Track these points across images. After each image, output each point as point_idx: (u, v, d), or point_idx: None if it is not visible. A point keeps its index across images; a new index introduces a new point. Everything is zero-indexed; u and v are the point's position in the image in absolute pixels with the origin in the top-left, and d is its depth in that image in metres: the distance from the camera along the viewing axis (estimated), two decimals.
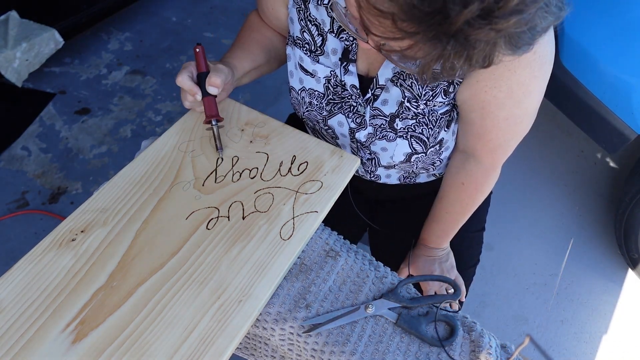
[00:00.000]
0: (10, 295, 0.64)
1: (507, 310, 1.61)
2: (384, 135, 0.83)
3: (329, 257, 0.74)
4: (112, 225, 0.71)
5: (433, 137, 0.82)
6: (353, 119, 0.84)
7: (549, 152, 2.04)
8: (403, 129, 0.81)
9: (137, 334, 0.61)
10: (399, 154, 0.85)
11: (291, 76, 0.87)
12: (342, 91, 0.82)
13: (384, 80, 0.77)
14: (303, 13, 0.79)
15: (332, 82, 0.82)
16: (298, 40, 0.82)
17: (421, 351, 0.66)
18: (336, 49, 0.78)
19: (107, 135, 1.95)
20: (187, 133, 0.84)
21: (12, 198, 1.72)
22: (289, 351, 0.71)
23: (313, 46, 0.81)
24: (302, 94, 0.87)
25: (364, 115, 0.82)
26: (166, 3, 2.54)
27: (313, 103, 0.86)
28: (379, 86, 0.78)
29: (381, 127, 0.82)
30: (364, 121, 0.83)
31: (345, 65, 0.79)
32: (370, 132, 0.84)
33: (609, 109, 1.37)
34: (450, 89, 0.75)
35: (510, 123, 0.76)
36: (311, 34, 0.80)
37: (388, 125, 0.82)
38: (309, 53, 0.82)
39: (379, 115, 0.81)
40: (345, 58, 0.78)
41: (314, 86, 0.84)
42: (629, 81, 1.28)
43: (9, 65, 1.84)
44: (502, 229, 1.80)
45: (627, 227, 1.57)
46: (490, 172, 0.87)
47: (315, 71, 0.82)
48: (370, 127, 0.83)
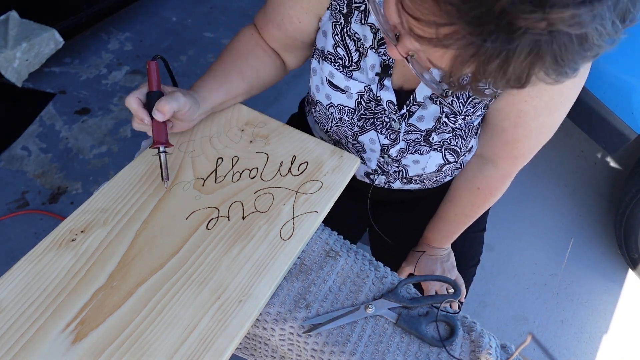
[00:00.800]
0: (10, 295, 0.64)
1: (507, 310, 1.61)
2: (417, 150, 0.82)
3: (329, 257, 0.74)
4: (112, 225, 0.71)
5: (465, 146, 0.82)
6: (387, 135, 0.82)
7: (549, 152, 2.04)
8: (438, 142, 0.80)
9: (137, 334, 0.61)
10: (431, 165, 0.85)
11: (317, 90, 0.84)
12: (375, 106, 0.80)
13: (422, 98, 0.76)
14: (340, 27, 0.75)
15: (365, 98, 0.80)
16: (329, 55, 0.79)
17: (421, 351, 0.66)
18: (374, 64, 0.76)
19: (107, 135, 1.95)
20: (187, 133, 0.84)
21: (12, 198, 1.72)
22: (289, 351, 0.71)
23: (347, 61, 0.78)
24: (331, 110, 0.84)
25: (398, 131, 0.80)
26: (166, 3, 2.54)
27: (344, 119, 0.84)
28: (417, 103, 0.77)
29: (415, 141, 0.81)
30: (398, 137, 0.81)
31: (381, 80, 0.77)
32: (403, 147, 0.83)
33: (609, 109, 1.37)
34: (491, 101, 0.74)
35: (540, 132, 0.76)
36: (347, 49, 0.77)
37: (423, 140, 0.80)
38: (341, 68, 0.79)
39: (414, 131, 0.80)
40: (384, 72, 0.76)
41: (344, 102, 0.81)
42: (629, 81, 1.29)
43: (9, 65, 1.84)
44: (503, 229, 1.80)
45: (627, 227, 1.57)
46: (507, 178, 0.87)
47: (347, 87, 0.80)
48: (403, 142, 0.82)
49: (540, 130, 0.76)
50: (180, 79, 2.19)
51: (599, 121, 1.41)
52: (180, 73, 2.21)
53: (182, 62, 2.25)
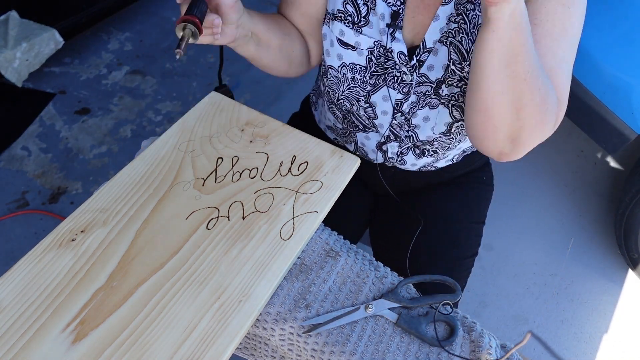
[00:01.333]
0: (10, 295, 0.64)
1: (507, 310, 1.61)
2: (427, 103, 0.82)
3: (329, 257, 0.74)
4: (112, 225, 0.71)
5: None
6: (399, 90, 0.83)
7: (549, 152, 2.04)
8: (447, 95, 0.80)
9: (137, 334, 0.61)
10: (440, 123, 0.84)
11: (327, 55, 0.86)
12: (386, 61, 0.81)
13: (432, 43, 0.77)
14: None
15: (375, 53, 0.81)
16: (339, 14, 0.81)
17: (421, 351, 0.66)
18: (384, 14, 0.77)
19: (107, 135, 1.95)
20: (187, 133, 0.84)
21: (12, 198, 1.72)
22: (289, 351, 0.71)
23: (356, 17, 0.80)
24: (343, 71, 0.85)
25: (410, 83, 0.81)
26: (166, 3, 2.54)
27: (356, 78, 0.84)
28: (427, 49, 0.77)
29: (425, 94, 0.81)
30: (409, 89, 0.82)
31: (392, 32, 0.78)
32: (414, 100, 0.83)
33: (609, 109, 1.37)
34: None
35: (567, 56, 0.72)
36: (356, 4, 0.79)
37: (433, 92, 0.81)
38: (351, 25, 0.80)
39: (425, 82, 0.81)
40: (393, 23, 0.77)
41: (355, 60, 0.83)
42: (629, 81, 1.29)
43: (9, 65, 1.84)
44: (503, 228, 1.80)
45: (627, 227, 1.57)
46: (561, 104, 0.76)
47: (358, 43, 0.81)
48: (414, 96, 0.82)
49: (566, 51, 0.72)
50: (180, 79, 2.19)
51: (599, 121, 1.41)
52: (180, 73, 2.21)
53: (182, 62, 2.26)
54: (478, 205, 0.99)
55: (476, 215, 1.02)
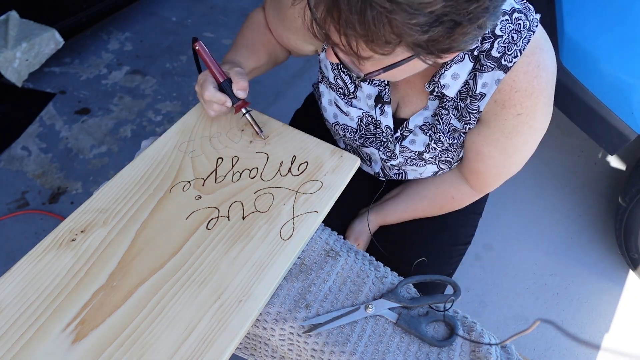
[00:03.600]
0: (10, 295, 0.64)
1: (507, 310, 1.61)
2: (414, 163, 0.90)
3: (329, 257, 0.74)
4: (112, 225, 0.71)
5: (457, 156, 0.89)
6: (384, 152, 0.91)
7: (549, 152, 2.04)
8: (432, 158, 0.88)
9: (137, 334, 0.61)
10: (427, 173, 0.94)
11: (324, 111, 0.93)
12: (374, 129, 0.88)
13: (414, 126, 0.84)
14: (336, 64, 0.84)
15: (365, 121, 0.88)
16: (332, 86, 0.88)
17: (421, 351, 0.66)
18: (371, 94, 0.84)
19: (107, 135, 1.95)
20: (187, 133, 0.84)
21: (12, 198, 1.72)
22: (289, 351, 0.71)
23: (346, 91, 0.86)
24: (336, 127, 0.93)
25: (393, 150, 0.89)
26: (166, 3, 2.54)
27: (347, 136, 0.92)
28: (408, 129, 0.85)
29: (411, 158, 0.89)
30: (394, 154, 0.90)
31: (382, 106, 0.84)
32: (402, 161, 0.90)
33: (609, 109, 1.37)
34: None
35: (499, 170, 0.86)
36: (344, 82, 0.85)
37: (417, 157, 0.88)
38: (342, 96, 0.87)
39: (408, 151, 0.88)
40: (379, 101, 0.84)
41: (347, 122, 0.90)
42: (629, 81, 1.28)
43: (9, 65, 1.84)
44: (503, 228, 1.80)
45: (627, 227, 1.57)
46: (477, 196, 0.96)
47: (348, 112, 0.88)
48: (401, 158, 0.90)
49: (498, 168, 0.85)
50: (180, 78, 2.19)
51: (599, 121, 1.41)
52: (180, 73, 2.21)
53: (182, 62, 2.25)
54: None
55: (473, 206, 1.04)
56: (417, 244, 0.98)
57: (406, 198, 0.99)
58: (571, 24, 1.37)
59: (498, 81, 0.71)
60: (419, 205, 0.98)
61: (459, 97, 0.77)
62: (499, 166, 0.84)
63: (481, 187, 0.92)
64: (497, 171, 0.86)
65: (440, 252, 0.98)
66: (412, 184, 1.00)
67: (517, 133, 0.76)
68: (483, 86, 0.73)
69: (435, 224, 1.00)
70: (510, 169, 0.86)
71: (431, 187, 0.97)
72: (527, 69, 0.70)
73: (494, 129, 0.77)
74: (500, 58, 0.69)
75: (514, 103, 0.72)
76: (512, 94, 0.71)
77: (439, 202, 0.97)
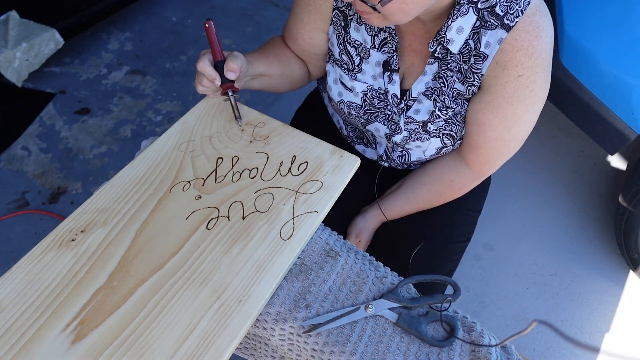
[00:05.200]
0: (10, 295, 0.64)
1: (507, 310, 1.61)
2: (418, 137, 0.91)
3: (329, 257, 0.74)
4: (112, 225, 0.71)
5: (460, 131, 0.89)
6: (388, 126, 0.92)
7: (549, 152, 2.04)
8: (435, 129, 0.88)
9: (137, 334, 0.61)
10: (431, 149, 0.94)
11: (330, 89, 0.95)
12: (379, 102, 0.90)
13: (417, 94, 0.86)
14: (342, 38, 0.88)
15: (369, 96, 0.90)
16: (337, 61, 0.91)
17: (421, 351, 0.66)
18: (379, 60, 0.86)
19: (107, 135, 1.95)
20: (187, 133, 0.84)
21: (12, 198, 1.72)
22: (289, 351, 0.71)
23: (351, 65, 0.89)
24: (341, 105, 0.95)
25: (398, 122, 0.90)
26: (166, 3, 2.54)
27: (352, 113, 0.94)
28: (412, 98, 0.87)
29: (415, 130, 0.90)
30: (398, 127, 0.90)
31: (390, 74, 0.86)
32: (406, 135, 0.91)
33: (609, 109, 1.37)
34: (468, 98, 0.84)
35: (499, 144, 0.86)
36: (349, 55, 0.88)
37: (422, 129, 0.89)
38: (347, 72, 0.90)
39: (412, 122, 0.89)
40: (386, 67, 0.86)
41: (352, 99, 0.92)
42: (629, 81, 1.28)
43: (9, 65, 1.84)
44: (503, 228, 1.80)
45: (627, 227, 1.57)
46: (477, 179, 0.96)
47: (353, 87, 0.90)
48: (406, 132, 0.90)
49: (499, 142, 0.85)
50: (180, 78, 2.19)
51: (599, 121, 1.41)
52: (180, 73, 2.21)
53: (182, 62, 2.25)
54: (475, 193, 1.02)
55: (472, 203, 1.05)
56: (416, 241, 0.98)
57: (406, 188, 1.00)
58: (571, 24, 1.37)
59: (500, 40, 0.73)
60: (419, 193, 0.98)
61: (462, 58, 0.79)
62: (498, 140, 0.85)
63: (481, 166, 0.92)
64: (497, 145, 0.86)
65: (440, 250, 0.98)
66: (411, 175, 1.01)
67: (517, 98, 0.77)
68: (486, 46, 0.75)
69: (434, 221, 1.01)
70: (510, 144, 0.86)
71: (430, 174, 0.98)
72: (528, 28, 0.72)
73: (495, 94, 0.78)
74: (503, 17, 0.72)
75: (515, 63, 0.74)
76: (514, 53, 0.73)
77: (439, 187, 0.97)
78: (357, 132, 1.05)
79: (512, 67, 0.75)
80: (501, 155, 0.89)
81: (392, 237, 1.02)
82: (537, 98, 0.79)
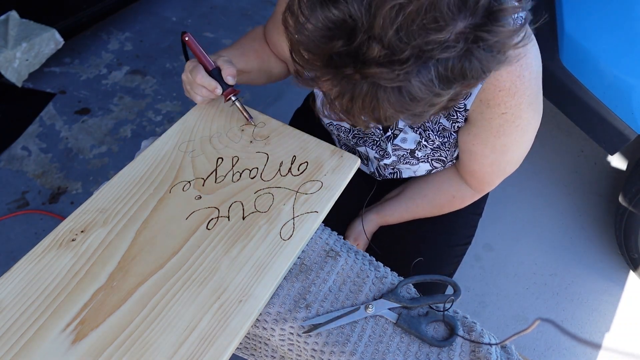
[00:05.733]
0: (10, 295, 0.64)
1: (507, 310, 1.61)
2: (407, 162, 0.92)
3: (329, 257, 0.74)
4: (112, 225, 0.71)
5: (451, 155, 0.90)
6: (376, 151, 0.93)
7: (549, 152, 2.04)
8: (424, 156, 0.89)
9: (137, 334, 0.61)
10: (421, 171, 0.95)
11: (319, 112, 0.94)
12: (365, 129, 0.90)
13: (402, 125, 0.86)
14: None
15: None
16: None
17: (421, 351, 0.66)
18: None
19: (107, 135, 1.95)
20: (187, 133, 0.84)
21: (12, 198, 1.72)
22: (289, 351, 0.71)
23: None
24: (330, 127, 0.96)
25: (386, 149, 0.91)
26: (166, 3, 2.54)
27: (341, 135, 0.95)
28: (398, 128, 0.87)
29: (403, 156, 0.91)
30: (386, 153, 0.91)
31: None
32: (395, 159, 0.92)
33: (609, 109, 1.37)
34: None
35: (495, 168, 0.86)
36: None
37: (410, 155, 0.90)
38: None
39: (400, 149, 0.89)
40: None
41: (340, 123, 0.92)
42: (629, 81, 1.28)
43: (9, 65, 1.84)
44: (503, 229, 1.80)
45: (627, 227, 1.57)
46: (477, 195, 0.97)
47: None
48: (394, 157, 0.91)
49: (493, 166, 0.85)
50: (180, 78, 2.18)
51: (599, 121, 1.41)
52: (180, 73, 2.21)
53: (182, 62, 2.25)
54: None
55: (473, 206, 1.04)
56: (416, 244, 0.98)
57: (406, 198, 0.99)
58: (571, 24, 1.37)
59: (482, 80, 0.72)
60: (420, 204, 0.98)
61: None
62: (493, 165, 0.85)
63: (480, 186, 0.93)
64: (492, 170, 0.86)
65: (440, 253, 0.98)
66: (412, 184, 1.01)
67: (504, 132, 0.77)
68: None
69: (435, 224, 1.01)
70: (506, 167, 0.86)
71: (432, 187, 0.97)
72: (509, 68, 0.70)
73: (482, 128, 0.78)
74: None
75: (497, 102, 0.73)
76: (496, 93, 0.72)
77: (440, 201, 0.97)
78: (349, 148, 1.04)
79: (495, 105, 0.73)
80: (499, 176, 0.89)
81: (392, 237, 1.02)
82: (525, 130, 0.77)
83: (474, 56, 0.49)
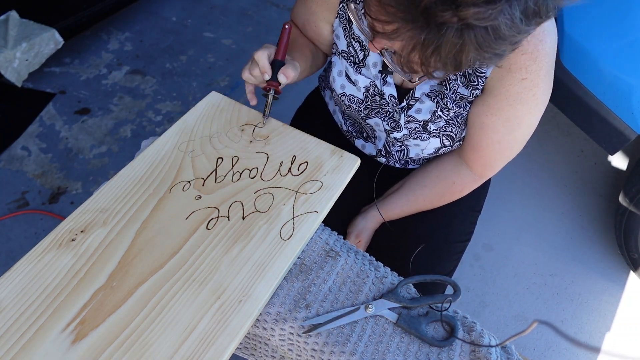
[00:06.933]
0: (10, 295, 0.64)
1: (507, 310, 1.61)
2: (418, 136, 0.91)
3: (329, 257, 0.74)
4: (112, 225, 0.71)
5: (460, 133, 0.90)
6: (388, 123, 0.92)
7: (549, 152, 2.04)
8: (436, 129, 0.89)
9: (137, 334, 0.61)
10: (429, 148, 0.94)
11: (333, 81, 0.95)
12: (380, 99, 0.90)
13: (420, 94, 0.86)
14: (348, 31, 0.88)
15: (371, 92, 0.90)
16: (344, 53, 0.90)
17: (421, 351, 0.66)
18: (377, 62, 0.86)
19: (107, 135, 1.95)
20: (187, 133, 0.84)
21: (12, 198, 1.72)
22: (289, 351, 0.71)
23: (356, 59, 0.89)
24: (342, 98, 0.95)
25: (398, 121, 0.90)
26: (166, 3, 2.54)
27: (352, 106, 0.94)
28: (414, 98, 0.87)
29: (415, 129, 0.90)
30: (398, 125, 0.91)
31: (384, 77, 0.87)
32: (406, 133, 0.92)
33: (609, 109, 1.37)
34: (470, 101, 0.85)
35: (501, 147, 0.86)
36: (354, 49, 0.88)
37: (422, 128, 0.90)
38: (352, 64, 0.90)
39: (413, 121, 0.90)
40: (384, 70, 0.87)
41: (354, 93, 0.92)
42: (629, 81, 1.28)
43: (9, 65, 1.84)
44: (503, 228, 1.80)
45: (627, 227, 1.57)
46: (478, 181, 0.97)
47: (356, 80, 0.90)
48: (406, 130, 0.91)
49: (502, 144, 0.86)
50: (180, 78, 2.19)
51: (599, 121, 1.41)
52: (180, 73, 2.21)
53: (182, 62, 2.25)
54: (475, 193, 1.02)
55: (472, 203, 1.05)
56: (416, 240, 0.98)
57: (407, 190, 1.00)
58: (571, 24, 1.37)
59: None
60: (420, 195, 0.98)
61: None
62: (501, 141, 0.85)
63: (482, 168, 0.93)
64: (499, 147, 0.86)
65: (440, 249, 0.98)
66: (412, 176, 1.01)
67: (520, 100, 0.78)
68: None
69: (434, 221, 1.01)
70: (512, 147, 0.87)
71: (432, 176, 0.98)
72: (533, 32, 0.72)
73: (499, 97, 0.79)
74: None
75: (519, 66, 0.75)
76: (519, 57, 0.74)
77: (440, 189, 0.97)
78: (356, 126, 1.05)
79: (517, 70, 0.75)
80: (503, 158, 0.89)
81: (392, 237, 1.02)
82: (539, 101, 0.79)
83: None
